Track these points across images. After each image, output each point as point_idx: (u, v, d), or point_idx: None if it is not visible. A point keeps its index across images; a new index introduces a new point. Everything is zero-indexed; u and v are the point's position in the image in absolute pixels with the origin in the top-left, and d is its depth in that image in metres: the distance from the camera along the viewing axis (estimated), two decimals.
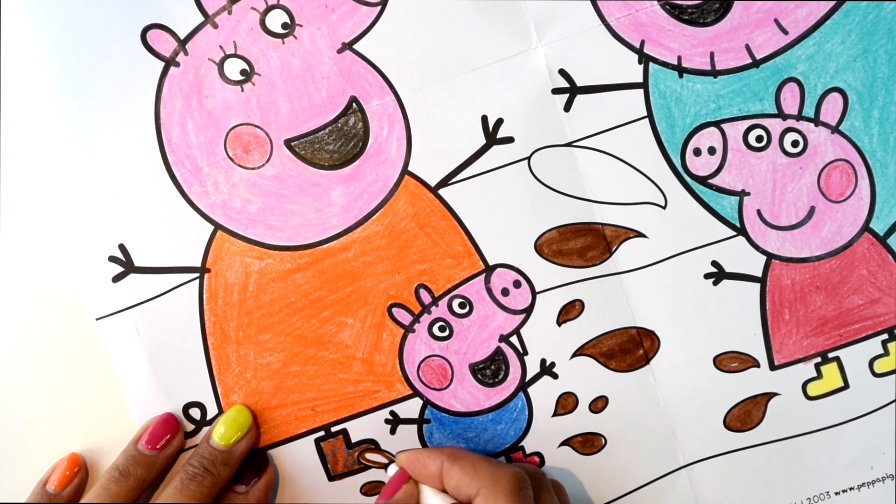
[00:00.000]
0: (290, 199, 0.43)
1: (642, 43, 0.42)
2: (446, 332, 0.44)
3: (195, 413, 0.44)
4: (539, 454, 0.44)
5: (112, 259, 0.43)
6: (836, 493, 0.45)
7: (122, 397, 0.44)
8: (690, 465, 0.44)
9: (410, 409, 0.44)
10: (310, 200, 0.43)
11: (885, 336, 0.44)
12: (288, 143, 0.43)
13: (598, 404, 0.44)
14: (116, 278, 0.43)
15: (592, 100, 0.43)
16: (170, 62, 0.43)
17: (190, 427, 0.44)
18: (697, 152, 0.43)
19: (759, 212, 0.43)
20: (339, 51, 0.43)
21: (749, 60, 0.43)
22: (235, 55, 0.43)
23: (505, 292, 0.44)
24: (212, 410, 0.44)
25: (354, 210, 0.43)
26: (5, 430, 0.44)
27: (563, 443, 0.44)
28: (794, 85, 0.43)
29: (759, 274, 0.44)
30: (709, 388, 0.44)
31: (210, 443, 0.42)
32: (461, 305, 0.44)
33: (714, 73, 0.43)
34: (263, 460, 0.44)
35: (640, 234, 0.43)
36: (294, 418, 0.44)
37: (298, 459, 0.44)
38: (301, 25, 0.42)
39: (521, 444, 0.44)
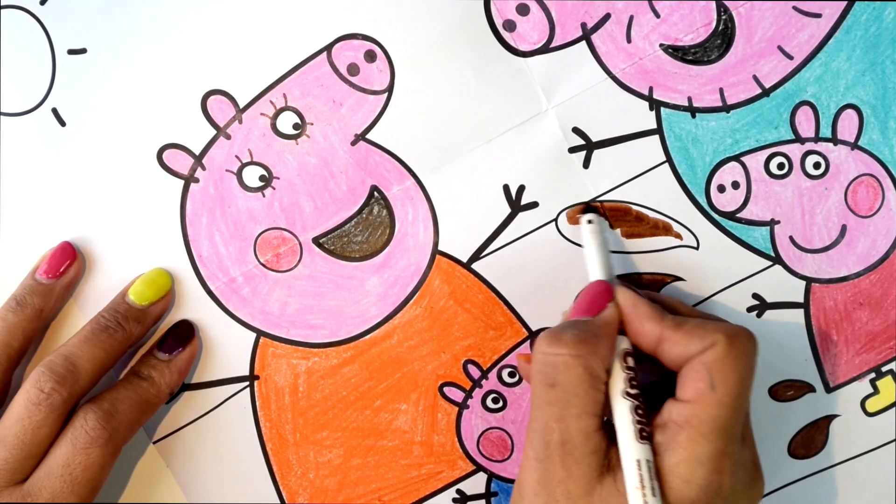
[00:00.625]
0: (326, 296, 0.44)
1: (651, 89, 0.43)
2: (500, 404, 0.44)
3: None
4: None
5: None
6: None
7: None
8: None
9: (476, 484, 0.44)
10: (346, 294, 0.44)
11: None
12: (316, 240, 0.43)
13: None
14: (170, 399, 0.44)
15: (610, 153, 0.43)
16: (189, 179, 0.43)
17: None
18: (721, 189, 0.43)
19: (791, 238, 0.43)
20: (353, 143, 0.43)
21: (759, 90, 0.43)
22: (252, 162, 0.43)
23: None
24: None
25: (391, 297, 0.44)
26: None
27: None
28: (808, 108, 0.43)
29: (800, 300, 0.44)
30: (768, 419, 0.44)
31: (126, 299, 0.42)
32: (511, 374, 0.44)
33: (726, 108, 0.43)
34: (189, 331, 0.43)
35: (677, 278, 0.43)
36: None
37: None
38: (312, 124, 0.43)
39: None
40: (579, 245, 0.43)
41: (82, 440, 0.39)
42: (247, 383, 0.44)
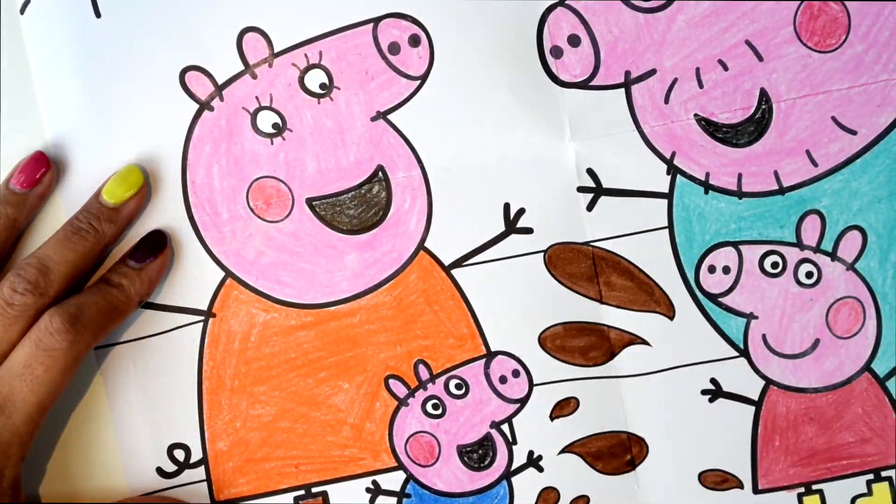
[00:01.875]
0: (303, 257, 0.43)
1: (673, 154, 0.43)
2: (439, 411, 0.44)
3: (179, 455, 0.44)
4: None
5: None
6: None
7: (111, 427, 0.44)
8: None
9: (393, 481, 0.44)
10: (323, 261, 0.43)
11: (871, 476, 0.44)
12: (309, 201, 0.43)
13: (579, 503, 0.44)
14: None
15: (616, 203, 0.43)
16: (204, 105, 0.43)
17: (172, 468, 0.44)
18: (712, 269, 0.43)
19: (764, 336, 0.44)
20: (373, 118, 0.43)
21: (776, 187, 0.43)
22: (270, 108, 0.43)
23: (503, 380, 0.44)
24: (196, 454, 0.44)
25: (366, 277, 0.44)
26: None
27: None
28: (816, 217, 0.43)
29: (755, 398, 0.44)
30: (690, 502, 0.44)
31: (99, 199, 0.42)
32: (458, 387, 0.44)
33: (739, 194, 0.43)
34: (161, 241, 0.42)
35: (644, 342, 0.44)
36: (277, 473, 0.44)
37: None
38: (339, 88, 0.43)
39: None
40: (562, 283, 0.43)
41: (46, 342, 0.38)
42: (202, 318, 0.44)
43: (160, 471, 0.44)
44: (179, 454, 0.44)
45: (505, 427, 0.44)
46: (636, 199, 0.43)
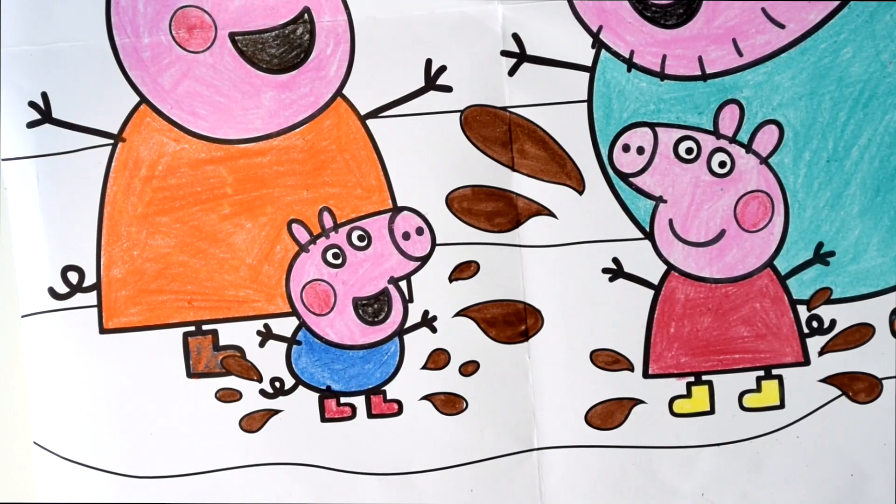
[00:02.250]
0: (220, 91, 0.43)
1: (600, 28, 0.43)
2: (339, 261, 0.44)
3: (73, 277, 0.44)
4: (399, 402, 0.44)
5: (31, 104, 0.43)
6: None
7: None
8: (543, 450, 0.44)
9: (285, 326, 0.44)
10: (239, 97, 0.43)
11: (762, 373, 0.44)
12: (232, 36, 0.43)
13: (469, 368, 0.44)
14: (32, 124, 0.43)
15: (538, 71, 0.43)
16: None
17: (64, 290, 0.44)
18: (626, 148, 0.43)
19: (671, 221, 0.43)
20: None
21: (698, 72, 0.43)
22: None
23: (406, 236, 0.43)
24: (90, 278, 0.44)
25: (281, 118, 0.43)
26: None
27: (426, 397, 0.44)
28: (735, 107, 0.43)
29: (655, 281, 0.44)
30: (579, 379, 0.44)
31: None
32: (360, 238, 0.44)
33: (662, 75, 0.43)
34: None
35: (550, 214, 0.43)
36: (169, 307, 0.44)
37: (162, 348, 0.44)
38: None
39: (385, 388, 0.44)
40: (475, 145, 0.43)
41: None
42: (111, 141, 0.43)
43: (52, 291, 0.44)
44: (73, 276, 0.44)
45: (403, 284, 0.44)
46: (558, 70, 0.43)
